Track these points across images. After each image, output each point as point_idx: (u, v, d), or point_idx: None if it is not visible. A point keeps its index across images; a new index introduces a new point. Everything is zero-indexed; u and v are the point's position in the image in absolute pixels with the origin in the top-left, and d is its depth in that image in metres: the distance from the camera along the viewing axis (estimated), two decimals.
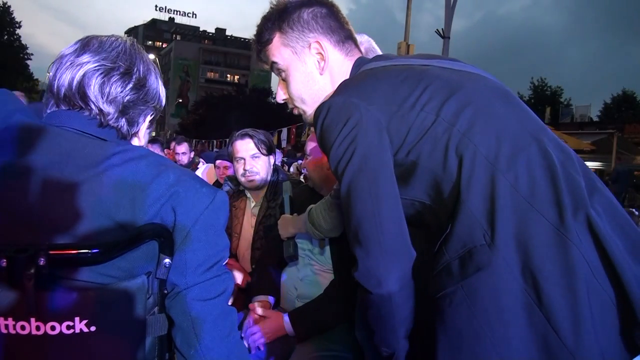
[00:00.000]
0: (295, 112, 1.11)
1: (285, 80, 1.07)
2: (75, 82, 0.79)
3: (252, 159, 2.10)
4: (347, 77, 1.04)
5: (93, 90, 0.79)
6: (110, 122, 0.81)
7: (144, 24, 71.97)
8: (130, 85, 0.82)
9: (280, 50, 1.04)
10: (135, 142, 0.89)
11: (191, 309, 0.75)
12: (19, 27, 32.09)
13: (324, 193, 1.69)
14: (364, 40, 1.57)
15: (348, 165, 0.87)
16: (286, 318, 1.59)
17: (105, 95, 0.79)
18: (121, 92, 0.80)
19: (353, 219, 0.87)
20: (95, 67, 0.79)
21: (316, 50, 1.03)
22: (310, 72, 1.04)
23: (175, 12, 73.57)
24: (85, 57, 0.80)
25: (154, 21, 72.68)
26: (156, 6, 72.10)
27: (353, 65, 1.06)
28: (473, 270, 0.80)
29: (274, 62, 1.06)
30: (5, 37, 31.34)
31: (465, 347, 0.80)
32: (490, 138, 0.84)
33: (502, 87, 0.96)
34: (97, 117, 0.80)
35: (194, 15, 73.51)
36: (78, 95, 0.79)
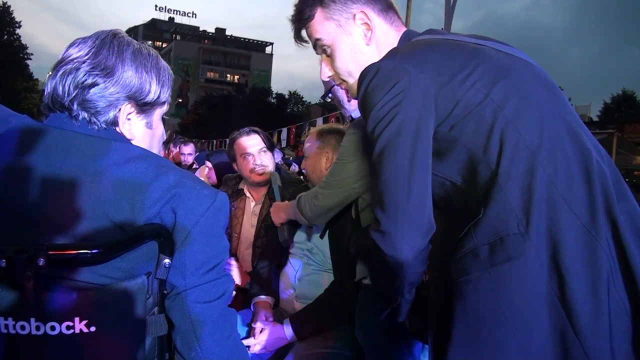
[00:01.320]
0: (344, 87, 1.10)
1: (330, 56, 1.07)
2: (51, 88, 0.79)
3: (261, 154, 2.11)
4: (394, 47, 1.02)
5: (60, 91, 0.79)
6: (80, 118, 0.79)
7: (144, 24, 71.78)
8: (92, 75, 0.79)
9: (323, 25, 1.04)
10: (130, 132, 0.87)
11: (191, 311, 0.75)
12: (19, 27, 32.13)
13: None
14: None
15: (387, 128, 0.85)
16: (288, 328, 1.58)
17: (67, 93, 0.78)
18: (82, 83, 0.78)
19: (381, 181, 0.85)
20: (64, 64, 0.79)
21: (362, 20, 1.03)
22: (357, 43, 1.04)
23: (175, 12, 73.37)
24: (67, 56, 0.80)
25: (153, 21, 72.53)
26: (156, 6, 71.95)
27: (401, 36, 1.05)
28: (504, 258, 0.79)
29: (317, 39, 1.06)
30: (5, 37, 31.36)
31: (485, 333, 0.80)
32: (534, 128, 0.84)
33: (548, 78, 0.96)
34: (76, 116, 0.79)
35: (194, 15, 73.38)
36: (51, 101, 0.79)
